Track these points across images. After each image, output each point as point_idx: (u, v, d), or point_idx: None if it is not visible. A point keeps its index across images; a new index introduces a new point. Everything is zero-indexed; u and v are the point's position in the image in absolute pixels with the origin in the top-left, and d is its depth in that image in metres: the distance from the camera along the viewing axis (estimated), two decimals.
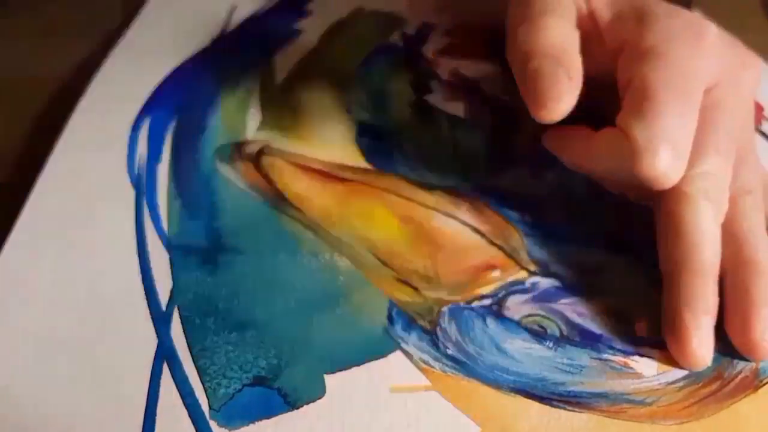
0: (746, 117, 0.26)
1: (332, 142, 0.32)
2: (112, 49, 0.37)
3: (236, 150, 0.31)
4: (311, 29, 0.39)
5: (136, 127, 0.32)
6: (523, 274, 0.26)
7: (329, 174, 0.30)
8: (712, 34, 0.25)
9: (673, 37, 0.24)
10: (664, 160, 0.22)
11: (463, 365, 0.23)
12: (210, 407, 0.22)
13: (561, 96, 0.23)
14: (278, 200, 0.29)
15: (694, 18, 0.25)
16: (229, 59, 0.37)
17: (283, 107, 0.34)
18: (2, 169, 0.30)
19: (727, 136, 0.24)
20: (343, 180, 0.30)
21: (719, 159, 0.24)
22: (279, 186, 0.29)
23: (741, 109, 0.26)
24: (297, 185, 0.29)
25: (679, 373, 0.23)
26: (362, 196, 0.29)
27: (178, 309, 0.24)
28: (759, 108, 0.36)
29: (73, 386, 0.22)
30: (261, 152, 0.31)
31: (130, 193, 0.28)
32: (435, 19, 0.41)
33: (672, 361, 0.23)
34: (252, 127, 0.32)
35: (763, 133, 0.35)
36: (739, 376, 0.23)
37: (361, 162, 0.31)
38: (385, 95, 0.35)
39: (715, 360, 0.23)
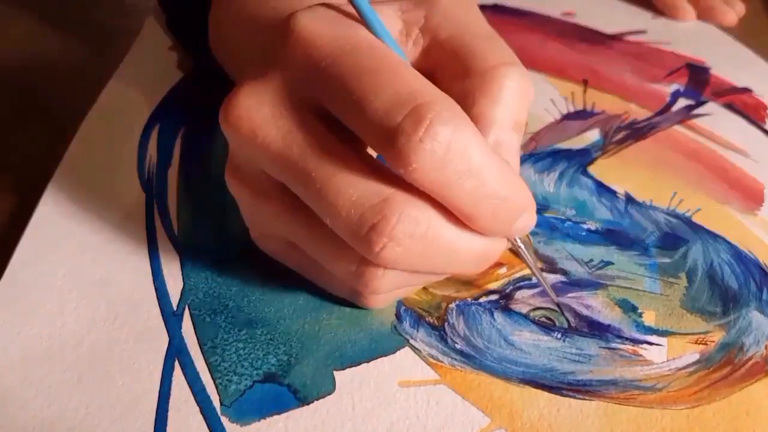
0: None
1: None
2: (123, 56, 0.37)
3: None
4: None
5: (146, 132, 0.32)
6: (529, 270, 0.26)
7: None
8: None
9: None
10: None
11: (472, 358, 0.23)
12: (221, 403, 0.22)
13: None
14: None
15: None
16: None
17: None
18: (14, 173, 0.31)
19: None
20: None
21: None
22: None
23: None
24: None
25: (689, 359, 0.23)
26: None
27: (189, 308, 0.25)
28: (763, 107, 0.36)
29: (86, 384, 0.22)
30: None
31: (141, 197, 0.29)
32: None
33: (681, 349, 0.23)
34: None
35: (767, 132, 0.35)
36: (750, 362, 0.23)
37: None
38: None
39: (724, 346, 0.23)
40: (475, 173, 0.19)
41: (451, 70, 0.22)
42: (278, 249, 0.25)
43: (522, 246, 0.24)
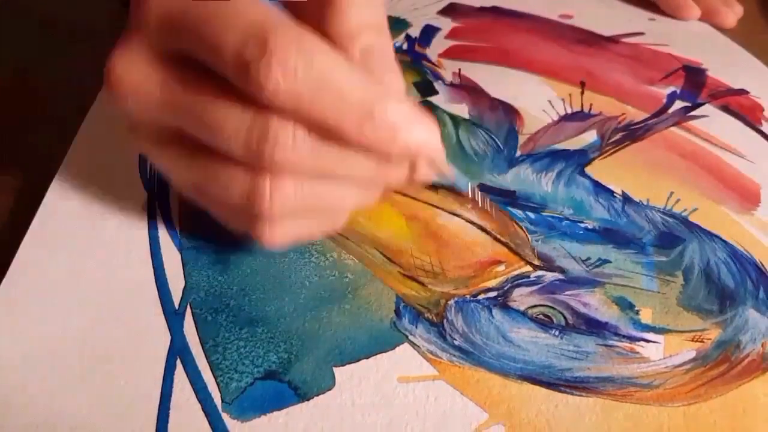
0: None
1: None
2: None
3: None
4: None
5: None
6: (527, 268, 0.27)
7: None
8: None
9: None
10: None
11: (470, 355, 0.24)
12: (222, 400, 0.22)
13: None
14: None
15: None
16: None
17: None
18: (17, 172, 0.31)
19: None
20: None
21: None
22: None
23: None
24: None
25: (686, 356, 0.23)
26: None
27: (191, 306, 0.25)
28: (759, 108, 0.36)
29: (89, 382, 0.22)
30: None
31: (143, 195, 0.29)
32: (438, 22, 0.41)
33: (677, 346, 0.24)
34: None
35: (763, 134, 0.35)
36: (746, 360, 0.23)
37: None
38: None
39: (721, 344, 0.24)
40: (329, 84, 0.20)
41: None
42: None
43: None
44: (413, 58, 0.38)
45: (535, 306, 0.25)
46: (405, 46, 0.39)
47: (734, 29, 0.44)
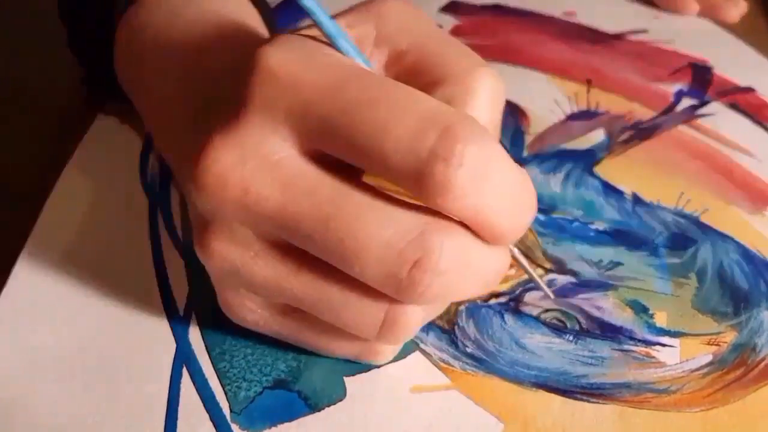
0: None
1: None
2: None
3: None
4: (315, 28, 0.39)
5: (149, 137, 0.32)
6: (539, 272, 0.26)
7: None
8: None
9: None
10: None
11: (483, 362, 0.23)
12: (231, 410, 0.22)
13: None
14: None
15: None
16: None
17: None
18: (20, 178, 0.31)
19: None
20: None
21: None
22: None
23: None
24: None
25: (703, 360, 0.23)
26: None
27: (195, 314, 0.24)
28: (766, 106, 0.36)
29: (94, 392, 0.22)
30: None
31: (144, 202, 0.29)
32: (439, 19, 0.41)
33: (694, 350, 0.23)
34: None
35: None
36: (763, 362, 0.23)
37: None
38: None
39: (737, 347, 0.23)
40: (512, 190, 0.18)
41: (421, 80, 0.21)
42: (262, 319, 0.22)
43: (515, 251, 0.23)
44: None
45: (547, 310, 0.25)
46: None
47: (739, 26, 0.44)
